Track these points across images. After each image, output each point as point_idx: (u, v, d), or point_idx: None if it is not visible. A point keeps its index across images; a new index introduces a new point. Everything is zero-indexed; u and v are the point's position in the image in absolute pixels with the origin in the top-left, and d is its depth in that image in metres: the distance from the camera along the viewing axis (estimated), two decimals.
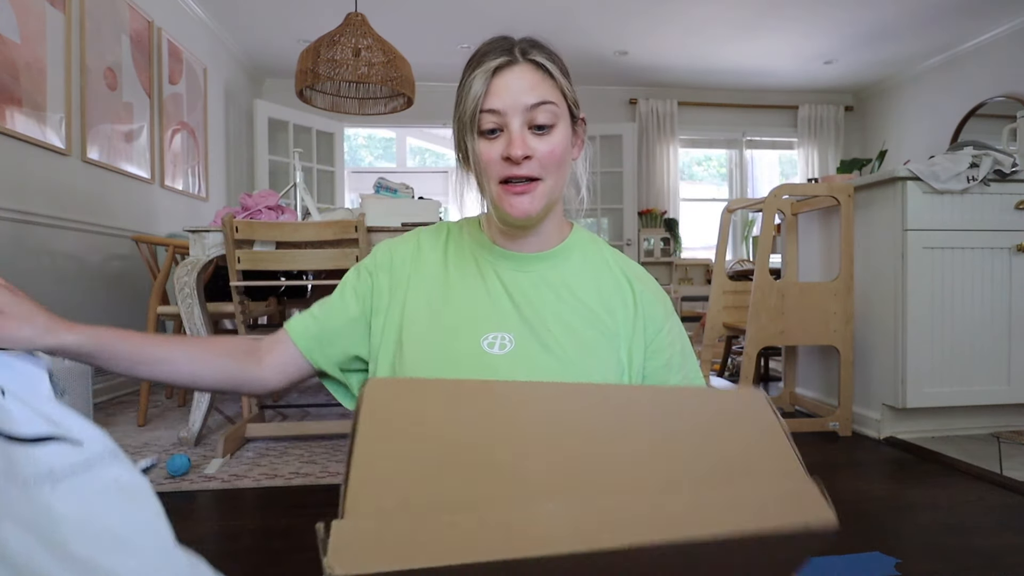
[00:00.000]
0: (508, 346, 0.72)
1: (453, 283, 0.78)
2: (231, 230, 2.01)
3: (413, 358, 0.73)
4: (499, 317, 0.75)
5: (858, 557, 1.30)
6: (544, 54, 0.72)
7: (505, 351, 0.72)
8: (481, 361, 0.71)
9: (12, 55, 2.49)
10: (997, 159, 2.18)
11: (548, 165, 0.71)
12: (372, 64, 2.73)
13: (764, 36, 4.89)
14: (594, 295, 0.78)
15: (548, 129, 0.71)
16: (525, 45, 0.72)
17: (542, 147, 0.71)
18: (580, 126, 0.79)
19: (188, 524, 1.52)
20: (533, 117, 0.70)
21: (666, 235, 6.00)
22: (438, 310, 0.76)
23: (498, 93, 0.70)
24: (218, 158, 4.71)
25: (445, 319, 0.75)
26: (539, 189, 0.72)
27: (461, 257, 0.80)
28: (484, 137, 0.71)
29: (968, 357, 2.22)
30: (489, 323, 0.74)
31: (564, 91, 0.73)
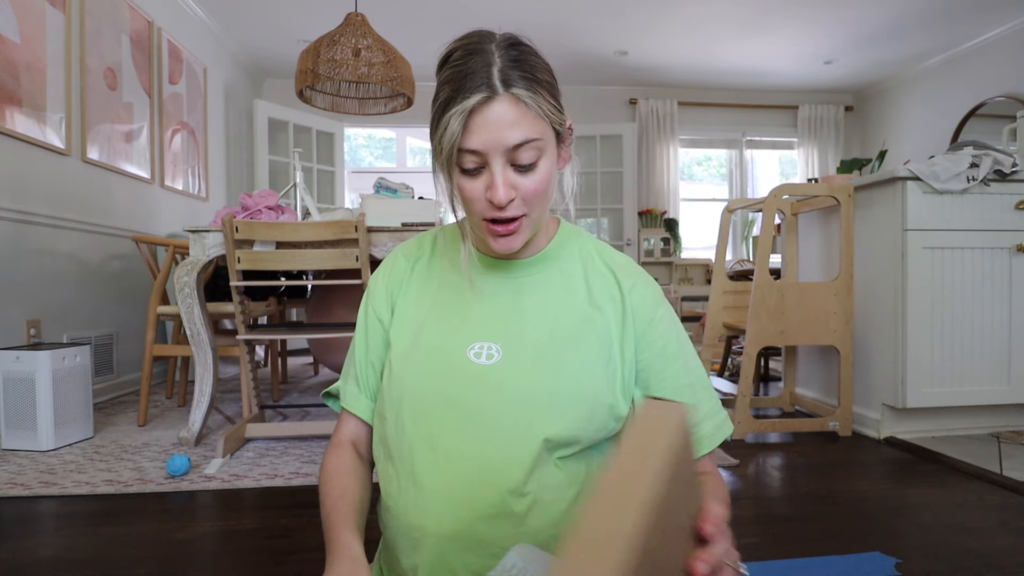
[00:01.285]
0: (495, 356, 0.71)
1: (440, 294, 0.77)
2: (231, 230, 2.01)
3: (401, 372, 0.73)
4: (486, 326, 0.73)
5: (858, 557, 1.30)
6: (526, 81, 0.65)
7: (492, 361, 0.71)
8: (468, 372, 0.70)
9: (12, 55, 2.49)
10: (997, 159, 2.18)
11: (532, 201, 0.69)
12: (372, 64, 2.73)
13: (764, 36, 4.89)
14: (582, 294, 0.76)
15: (531, 167, 0.67)
16: (506, 69, 0.65)
17: (526, 184, 0.67)
18: (567, 135, 0.73)
19: (188, 524, 1.53)
20: (516, 157, 0.66)
21: (666, 235, 6.00)
22: (423, 322, 0.76)
23: (477, 132, 0.65)
24: (218, 158, 4.71)
25: (432, 331, 0.74)
26: (523, 224, 0.70)
27: (448, 267, 0.79)
28: (465, 175, 0.68)
29: (968, 357, 2.22)
30: (476, 333, 0.73)
31: (549, 117, 0.67)
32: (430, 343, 0.74)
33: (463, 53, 0.67)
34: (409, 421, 0.71)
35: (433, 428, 0.69)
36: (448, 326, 0.74)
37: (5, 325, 2.46)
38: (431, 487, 0.67)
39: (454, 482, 0.67)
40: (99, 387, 3.03)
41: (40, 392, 2.14)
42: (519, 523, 0.66)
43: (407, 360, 0.73)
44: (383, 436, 0.74)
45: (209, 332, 2.25)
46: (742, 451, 2.14)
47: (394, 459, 0.72)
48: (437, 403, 0.70)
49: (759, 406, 2.78)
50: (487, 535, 0.65)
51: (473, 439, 0.68)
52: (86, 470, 1.94)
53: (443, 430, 0.69)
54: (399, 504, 0.69)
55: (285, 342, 3.53)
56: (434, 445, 0.69)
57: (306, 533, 1.46)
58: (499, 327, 0.73)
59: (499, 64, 0.66)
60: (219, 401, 3.03)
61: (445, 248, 0.81)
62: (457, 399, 0.69)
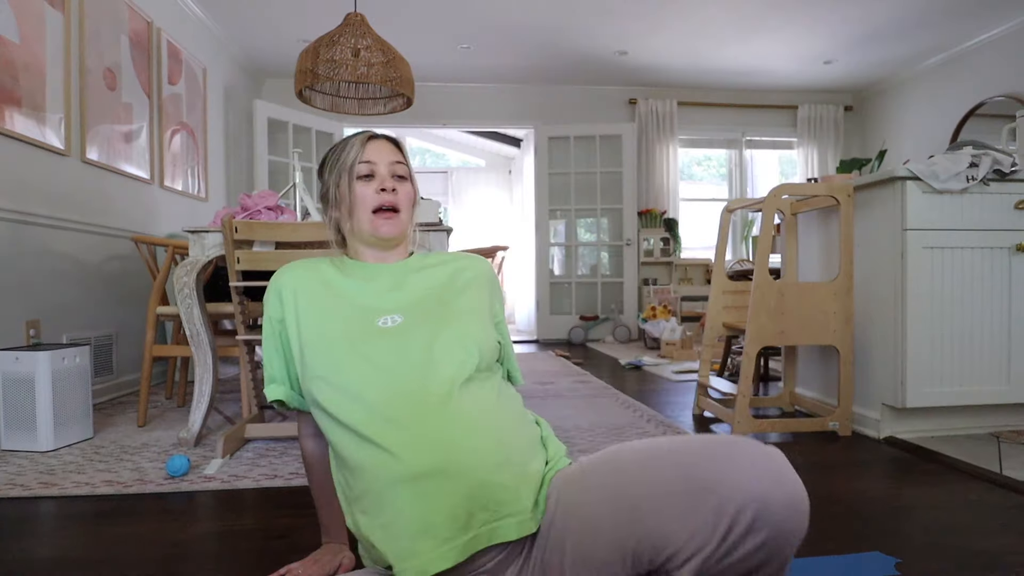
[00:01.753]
0: (398, 321, 0.96)
1: (343, 291, 1.02)
2: (230, 230, 2.01)
3: (315, 358, 0.94)
4: (389, 305, 1.00)
5: (858, 557, 1.30)
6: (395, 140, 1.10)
7: (396, 324, 0.96)
8: (376, 334, 0.94)
9: (12, 55, 2.49)
10: (996, 159, 2.18)
11: (404, 203, 1.06)
12: (371, 64, 2.73)
13: (764, 36, 4.89)
14: (448, 278, 1.06)
15: (403, 180, 1.07)
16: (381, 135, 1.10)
17: (401, 189, 1.06)
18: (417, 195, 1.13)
19: (188, 524, 1.52)
20: (394, 170, 1.06)
21: (666, 235, 6.00)
22: (331, 314, 0.99)
23: (370, 151, 1.05)
24: (217, 158, 4.71)
25: (342, 313, 0.98)
26: (398, 218, 1.05)
27: (344, 273, 1.05)
28: (360, 180, 1.04)
29: (968, 357, 2.22)
30: (382, 310, 0.98)
31: (408, 165, 1.09)
32: (343, 319, 0.97)
33: (354, 133, 1.10)
34: (341, 378, 0.91)
35: (366, 374, 0.90)
36: (360, 308, 0.99)
37: (4, 325, 2.46)
38: (385, 412, 0.87)
39: (400, 404, 0.87)
40: (99, 388, 3.03)
41: (39, 393, 2.14)
42: (446, 407, 0.87)
43: (324, 335, 0.96)
44: (325, 401, 0.92)
45: (209, 332, 2.25)
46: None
47: (350, 411, 0.90)
48: (360, 359, 0.92)
49: (759, 406, 2.79)
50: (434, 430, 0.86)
51: (402, 372, 0.90)
52: (86, 471, 1.94)
53: (377, 369, 0.91)
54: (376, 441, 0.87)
55: None
56: (374, 383, 0.90)
57: (306, 533, 1.46)
58: (399, 304, 1.00)
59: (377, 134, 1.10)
60: (219, 401, 3.03)
61: (337, 265, 1.08)
62: (373, 353, 0.92)
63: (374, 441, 0.84)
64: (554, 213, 6.03)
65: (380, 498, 0.84)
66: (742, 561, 0.67)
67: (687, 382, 3.56)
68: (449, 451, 0.83)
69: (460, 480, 0.81)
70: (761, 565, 0.68)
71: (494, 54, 5.23)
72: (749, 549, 0.66)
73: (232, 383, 3.53)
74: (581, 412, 2.73)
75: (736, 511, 0.66)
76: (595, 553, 0.76)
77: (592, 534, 0.77)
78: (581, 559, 0.78)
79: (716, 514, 0.67)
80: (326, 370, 0.92)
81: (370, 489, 0.85)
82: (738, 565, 0.67)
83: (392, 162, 1.05)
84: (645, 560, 0.72)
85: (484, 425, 0.87)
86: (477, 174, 8.45)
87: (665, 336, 4.64)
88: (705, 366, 2.71)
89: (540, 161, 5.94)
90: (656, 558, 0.71)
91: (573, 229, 6.08)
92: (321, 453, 1.09)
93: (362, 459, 0.86)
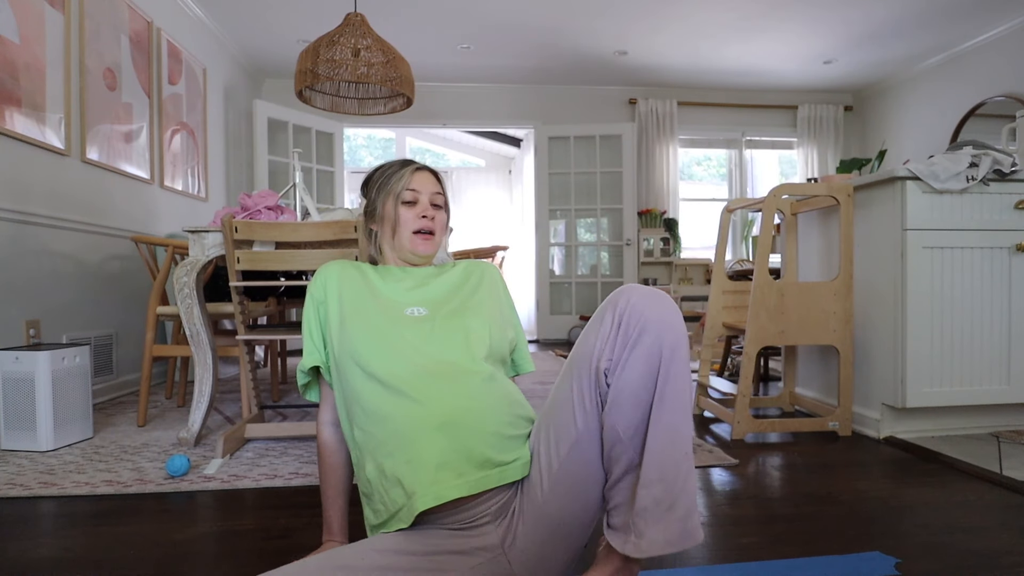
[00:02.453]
0: (423, 312, 1.15)
1: (377, 286, 1.19)
2: (230, 230, 2.01)
3: (355, 327, 1.11)
4: (415, 299, 1.18)
5: (858, 557, 1.30)
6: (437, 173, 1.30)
7: (422, 315, 1.14)
8: (404, 321, 1.12)
9: (12, 55, 2.49)
10: (996, 159, 2.18)
11: (439, 228, 1.26)
12: (371, 64, 2.73)
13: (764, 36, 4.89)
14: (462, 281, 1.24)
15: (440, 209, 1.27)
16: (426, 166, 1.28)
17: (438, 216, 1.26)
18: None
19: (187, 525, 1.52)
20: (434, 199, 1.25)
21: (666, 235, 6.00)
22: (369, 299, 1.16)
23: (416, 181, 1.25)
24: (217, 158, 4.71)
25: (377, 301, 1.15)
26: (434, 240, 1.25)
27: (379, 274, 1.23)
28: (404, 205, 1.23)
29: (968, 357, 2.22)
30: (410, 302, 1.17)
31: (445, 196, 1.29)
32: (377, 309, 1.14)
33: (402, 160, 1.31)
34: (378, 343, 1.08)
35: (398, 345, 1.08)
36: (391, 300, 1.17)
37: (4, 325, 2.46)
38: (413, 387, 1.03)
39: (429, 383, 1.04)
40: (98, 387, 3.03)
41: (39, 392, 2.14)
42: (467, 374, 1.06)
43: (360, 320, 1.12)
44: (352, 378, 1.09)
45: (209, 332, 2.25)
46: (742, 451, 2.14)
47: (374, 390, 1.05)
48: (394, 335, 1.10)
49: (759, 406, 2.79)
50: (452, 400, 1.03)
51: (428, 348, 1.09)
52: (85, 470, 1.94)
53: (407, 343, 1.09)
54: (396, 412, 1.02)
55: (285, 342, 3.53)
56: (405, 364, 1.06)
57: (306, 533, 1.46)
58: (426, 298, 1.19)
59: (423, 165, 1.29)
60: (219, 401, 3.03)
61: (372, 268, 1.26)
62: (405, 331, 1.10)
63: (406, 392, 1.01)
64: (554, 213, 6.03)
65: (407, 439, 0.99)
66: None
67: None
68: (469, 406, 1.01)
69: (477, 429, 1.00)
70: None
71: (494, 54, 5.23)
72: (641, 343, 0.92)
73: (232, 383, 3.53)
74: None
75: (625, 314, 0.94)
76: (566, 430, 0.97)
77: (559, 413, 0.99)
78: (557, 448, 0.98)
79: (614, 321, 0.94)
80: (365, 333, 1.09)
81: (398, 431, 1.00)
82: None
83: (433, 192, 1.25)
84: (594, 381, 0.95)
85: (496, 391, 1.05)
86: (477, 174, 8.45)
87: None
88: (705, 366, 2.70)
89: (540, 161, 5.94)
90: (598, 375, 0.94)
91: (573, 229, 6.08)
92: (337, 441, 1.19)
93: (391, 408, 1.02)
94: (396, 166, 1.26)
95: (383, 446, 1.02)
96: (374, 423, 1.04)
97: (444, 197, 1.27)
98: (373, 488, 1.04)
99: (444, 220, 1.27)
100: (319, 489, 1.76)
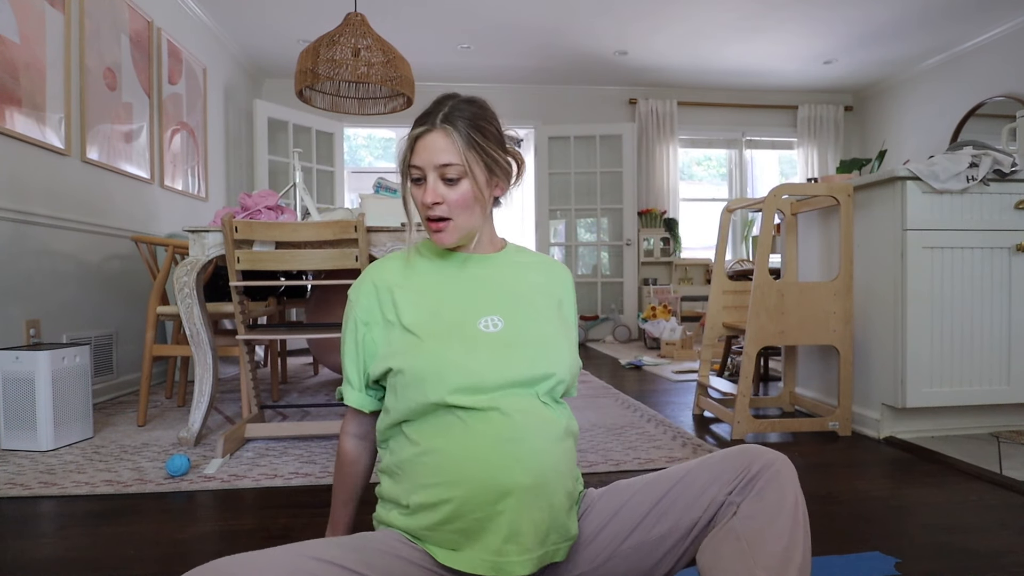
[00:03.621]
0: (499, 325, 0.93)
1: (436, 286, 0.98)
2: (230, 230, 2.01)
3: (432, 349, 0.90)
4: (488, 304, 0.96)
5: (858, 557, 1.30)
6: (462, 122, 0.93)
7: (498, 329, 0.93)
8: (478, 338, 0.91)
9: (12, 55, 2.49)
10: (997, 159, 2.18)
11: (456, 208, 0.94)
12: (372, 64, 2.73)
13: (764, 36, 4.89)
14: (541, 282, 1.03)
15: (456, 182, 0.93)
16: (450, 113, 0.93)
17: (451, 195, 0.93)
18: (507, 173, 1.00)
19: (188, 524, 1.52)
20: (444, 172, 0.93)
21: (666, 235, 6.00)
22: (435, 310, 0.94)
23: (418, 153, 0.94)
24: (218, 158, 4.71)
25: (445, 315, 0.94)
26: (450, 226, 0.95)
27: (432, 266, 1.01)
28: (414, 184, 0.96)
29: (968, 357, 2.22)
30: (481, 309, 0.95)
31: (479, 152, 0.94)
32: (448, 324, 0.93)
33: (431, 102, 0.98)
34: (441, 387, 0.87)
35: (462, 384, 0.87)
36: (459, 307, 0.95)
37: (4, 325, 2.46)
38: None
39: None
40: (99, 387, 3.03)
41: (40, 392, 2.14)
42: (546, 426, 0.88)
43: (435, 341, 0.91)
44: (411, 409, 0.89)
45: (209, 332, 2.25)
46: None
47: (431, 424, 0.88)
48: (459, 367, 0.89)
49: (759, 406, 2.79)
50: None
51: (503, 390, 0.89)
52: (85, 470, 1.94)
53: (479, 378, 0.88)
54: (463, 450, 0.85)
55: (285, 342, 3.53)
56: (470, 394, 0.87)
57: (305, 533, 1.46)
58: (498, 300, 0.97)
59: (446, 110, 0.94)
60: (219, 401, 3.03)
61: (423, 254, 1.04)
62: (474, 365, 0.89)
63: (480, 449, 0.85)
64: (554, 213, 6.03)
65: (475, 504, 0.85)
66: None
67: (687, 382, 3.56)
68: (543, 469, 0.84)
69: (547, 498, 0.84)
70: None
71: (494, 54, 5.23)
72: None
73: (232, 383, 3.53)
74: (581, 412, 2.73)
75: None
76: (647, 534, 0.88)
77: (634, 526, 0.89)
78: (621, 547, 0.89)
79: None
80: (431, 359, 0.90)
81: (465, 496, 0.85)
82: None
83: (439, 165, 0.92)
84: None
85: (563, 448, 0.89)
86: None
87: (665, 336, 4.64)
88: (705, 366, 2.71)
89: (540, 161, 5.94)
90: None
91: (573, 229, 6.08)
92: (360, 453, 1.03)
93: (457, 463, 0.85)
94: (414, 126, 0.97)
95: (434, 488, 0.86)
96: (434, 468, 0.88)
97: (462, 166, 0.93)
98: (413, 524, 0.88)
99: (466, 194, 0.94)
100: (319, 489, 1.77)
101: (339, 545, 0.79)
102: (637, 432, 2.37)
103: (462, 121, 0.93)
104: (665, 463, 1.97)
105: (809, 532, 0.82)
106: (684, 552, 0.87)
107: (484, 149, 0.94)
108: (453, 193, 0.93)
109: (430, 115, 0.94)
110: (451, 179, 0.93)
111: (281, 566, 0.70)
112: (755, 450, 0.88)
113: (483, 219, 0.98)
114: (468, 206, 0.94)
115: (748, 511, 0.82)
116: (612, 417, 2.63)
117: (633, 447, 2.17)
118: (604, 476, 1.85)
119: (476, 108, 0.96)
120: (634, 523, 0.89)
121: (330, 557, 0.74)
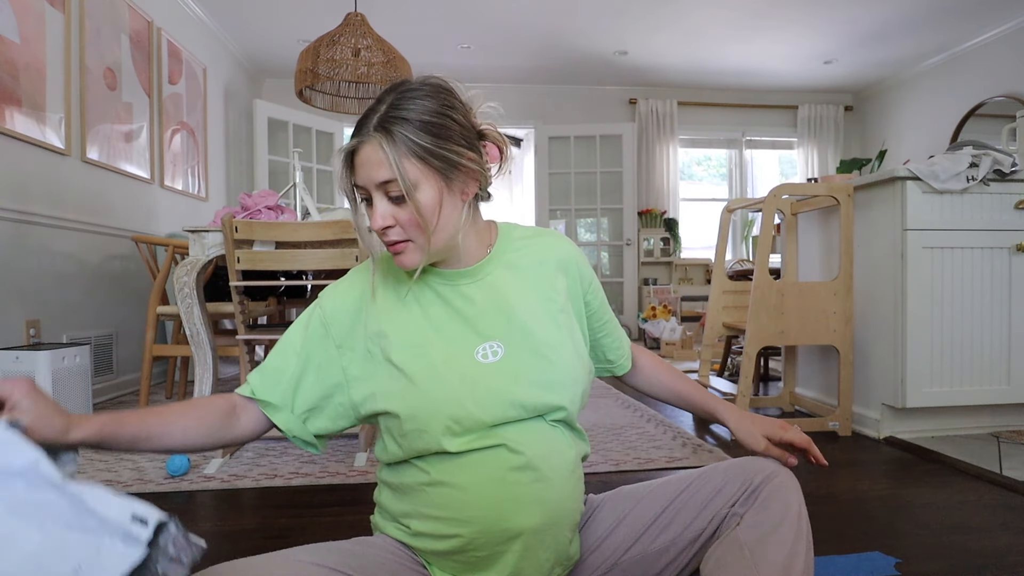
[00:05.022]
0: (499, 353, 0.81)
1: (422, 316, 0.84)
2: (231, 230, 2.01)
3: (427, 393, 0.79)
4: (486, 327, 0.83)
5: (858, 557, 1.30)
6: (396, 124, 0.75)
7: (497, 358, 0.81)
8: (477, 372, 0.80)
9: (12, 55, 2.49)
10: (997, 159, 2.18)
11: (411, 229, 0.77)
12: (372, 64, 2.73)
13: (764, 36, 4.89)
14: (539, 277, 0.89)
15: (401, 199, 0.76)
16: (384, 116, 0.76)
17: (402, 215, 0.77)
18: (467, 170, 0.80)
19: (188, 524, 1.52)
20: (387, 190, 0.76)
21: (666, 235, 6.00)
22: (424, 345, 0.82)
23: (357, 171, 0.78)
24: (218, 158, 4.71)
25: (437, 349, 0.81)
26: (410, 247, 0.79)
27: (416, 291, 0.86)
28: (365, 203, 0.81)
29: (968, 357, 2.22)
30: (480, 335, 0.82)
31: (421, 155, 0.75)
32: (441, 356, 0.81)
33: (374, 100, 0.80)
34: (439, 427, 0.78)
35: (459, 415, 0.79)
36: (453, 336, 0.83)
37: (4, 325, 2.46)
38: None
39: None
40: (99, 387, 3.03)
41: None
42: (558, 458, 0.82)
43: (428, 374, 0.80)
44: (413, 448, 0.81)
45: (209, 332, 2.25)
46: (742, 451, 2.14)
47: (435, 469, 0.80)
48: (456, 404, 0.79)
49: (759, 406, 2.79)
50: None
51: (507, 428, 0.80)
52: (85, 470, 1.94)
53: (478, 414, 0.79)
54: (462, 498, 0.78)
55: None
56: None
57: (305, 533, 1.46)
58: (496, 325, 0.83)
59: (381, 111, 0.76)
60: None
61: (393, 275, 0.88)
62: (474, 399, 0.79)
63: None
64: (554, 213, 6.03)
65: (482, 544, 0.80)
66: None
67: None
68: (553, 508, 0.79)
69: (555, 536, 0.80)
70: None
71: (494, 54, 5.23)
72: None
73: (232, 383, 3.53)
74: (581, 412, 2.73)
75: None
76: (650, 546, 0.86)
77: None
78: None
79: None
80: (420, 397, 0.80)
81: (473, 534, 0.80)
82: None
83: (379, 183, 0.76)
84: None
85: (574, 478, 0.84)
86: None
87: (665, 336, 4.64)
88: (705, 366, 2.71)
89: (540, 161, 5.94)
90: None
91: (573, 229, 6.08)
92: (216, 407, 0.83)
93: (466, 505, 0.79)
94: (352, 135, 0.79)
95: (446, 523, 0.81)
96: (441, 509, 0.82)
97: (402, 182, 0.74)
98: (419, 542, 0.84)
99: (423, 209, 0.76)
100: (319, 489, 1.76)
101: (339, 551, 0.78)
102: (637, 432, 2.37)
103: (401, 124, 0.75)
104: (665, 463, 1.98)
105: (812, 543, 0.82)
106: (687, 564, 0.87)
107: (433, 153, 0.76)
108: (403, 212, 0.77)
109: (364, 121, 0.77)
110: (396, 197, 0.76)
111: (280, 571, 0.70)
112: (758, 462, 0.90)
113: (457, 227, 0.81)
114: (426, 223, 0.77)
115: (752, 521, 0.82)
116: (612, 417, 2.63)
117: (633, 447, 2.17)
118: (604, 476, 1.85)
119: (424, 100, 0.78)
120: (636, 535, 0.88)
121: (331, 563, 0.74)
